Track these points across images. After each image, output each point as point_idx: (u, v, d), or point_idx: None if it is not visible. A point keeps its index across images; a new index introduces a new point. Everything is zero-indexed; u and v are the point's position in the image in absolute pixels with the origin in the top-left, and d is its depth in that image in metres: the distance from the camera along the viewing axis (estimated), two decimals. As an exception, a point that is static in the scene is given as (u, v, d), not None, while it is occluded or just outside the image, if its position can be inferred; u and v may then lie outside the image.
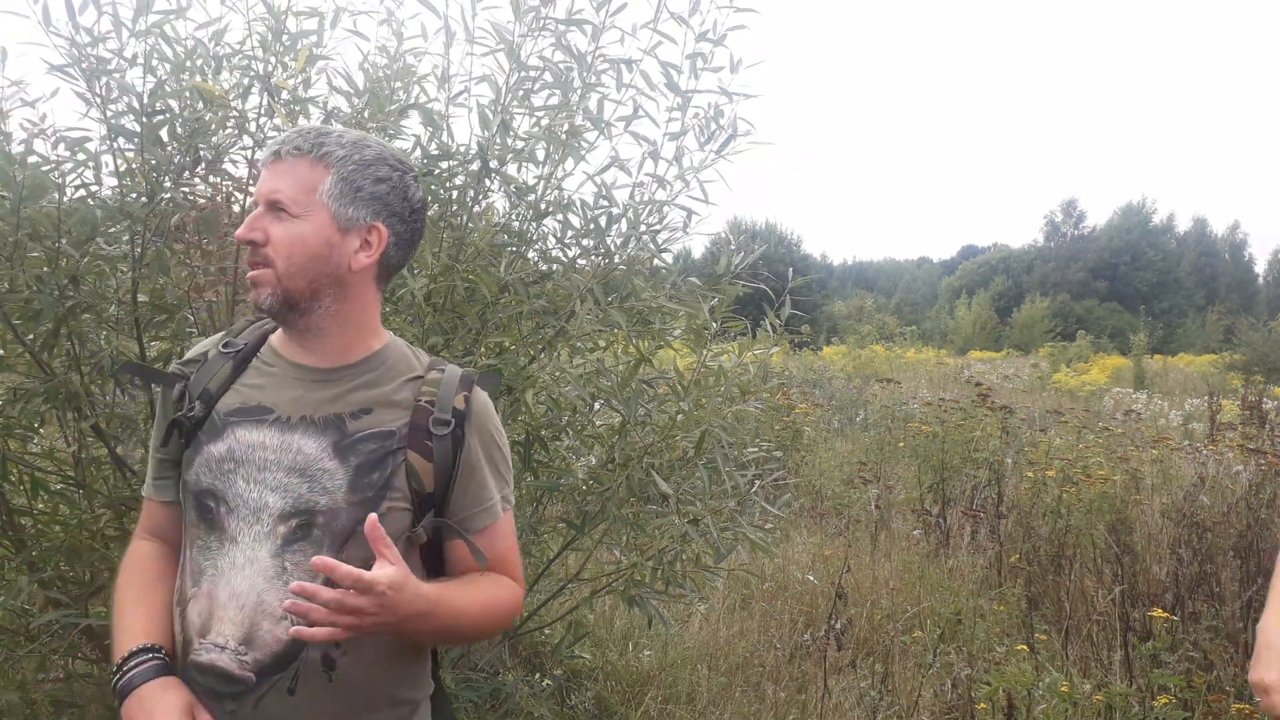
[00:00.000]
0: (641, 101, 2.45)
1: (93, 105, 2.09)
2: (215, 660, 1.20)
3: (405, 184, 1.30)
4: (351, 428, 1.25)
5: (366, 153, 1.27)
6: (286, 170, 1.24)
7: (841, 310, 45.95)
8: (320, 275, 1.25)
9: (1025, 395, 14.29)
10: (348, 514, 1.22)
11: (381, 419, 1.27)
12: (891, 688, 3.66)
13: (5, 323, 2.09)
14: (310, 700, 1.22)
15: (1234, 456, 6.05)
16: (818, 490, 6.97)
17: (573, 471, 2.70)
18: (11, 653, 2.26)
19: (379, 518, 1.16)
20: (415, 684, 1.34)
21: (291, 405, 1.27)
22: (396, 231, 1.30)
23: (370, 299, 1.32)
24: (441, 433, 1.26)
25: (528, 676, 3.29)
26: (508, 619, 1.35)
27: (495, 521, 1.33)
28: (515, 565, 1.37)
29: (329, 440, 1.24)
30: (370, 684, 1.26)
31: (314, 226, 1.24)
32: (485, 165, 2.34)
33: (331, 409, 1.27)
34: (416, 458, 1.25)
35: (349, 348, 1.30)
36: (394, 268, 1.34)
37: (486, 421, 1.33)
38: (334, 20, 2.35)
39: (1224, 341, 31.10)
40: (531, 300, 2.39)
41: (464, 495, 1.29)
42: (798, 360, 17.11)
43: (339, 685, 1.23)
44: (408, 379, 1.31)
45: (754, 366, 2.57)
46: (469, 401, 1.30)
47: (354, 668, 1.24)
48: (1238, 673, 3.53)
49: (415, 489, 1.25)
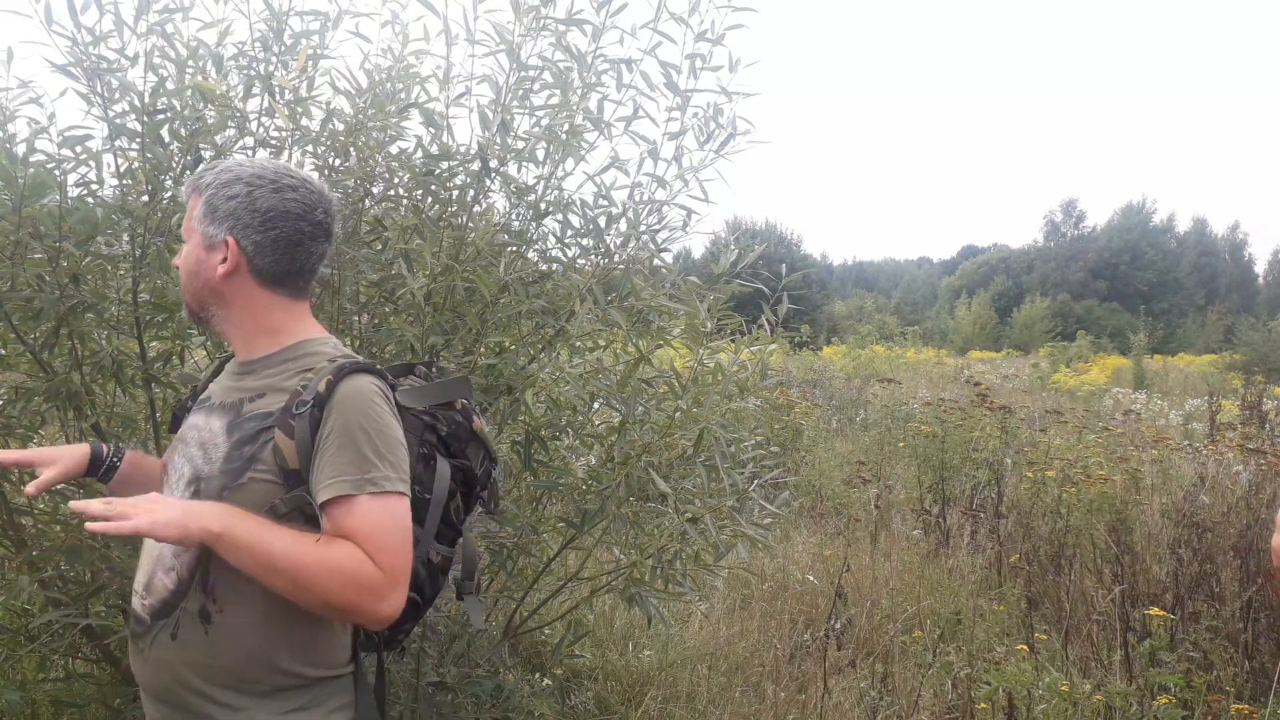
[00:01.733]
0: (641, 101, 2.45)
1: (94, 104, 2.10)
2: (132, 603, 1.44)
3: (254, 197, 1.43)
4: (245, 410, 1.42)
5: (226, 175, 1.44)
6: (189, 203, 1.47)
7: (841, 310, 45.97)
8: (198, 289, 1.46)
9: (1025, 395, 14.30)
10: (217, 480, 1.38)
11: (269, 402, 1.41)
12: (891, 688, 3.67)
13: (6, 322, 2.09)
14: (188, 649, 1.37)
15: (1234, 456, 6.05)
16: (817, 490, 6.98)
17: (572, 471, 2.70)
18: (11, 652, 2.26)
19: (240, 486, 1.36)
20: (306, 658, 1.40)
21: (220, 392, 1.49)
22: (252, 240, 1.43)
23: (260, 302, 1.46)
24: (301, 411, 1.36)
25: (528, 676, 3.29)
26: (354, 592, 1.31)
27: (349, 498, 1.33)
28: (375, 546, 1.33)
29: (227, 420, 1.43)
30: (245, 645, 1.36)
31: (190, 248, 1.46)
32: (485, 165, 2.34)
33: (237, 394, 1.45)
34: (281, 436, 1.36)
35: (252, 344, 1.47)
36: (277, 272, 1.45)
37: (351, 404, 1.38)
38: (336, 21, 2.36)
39: (1224, 341, 31.10)
40: (531, 300, 2.39)
41: (317, 470, 1.36)
42: (798, 360, 17.12)
43: (214, 640, 1.36)
44: (302, 369, 1.43)
45: (752, 365, 2.57)
46: (333, 386, 1.38)
47: (229, 626, 1.36)
48: (1237, 673, 3.54)
49: (280, 465, 1.36)
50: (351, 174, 2.36)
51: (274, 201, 1.43)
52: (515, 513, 2.64)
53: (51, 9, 1.97)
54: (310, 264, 1.49)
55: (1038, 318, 42.17)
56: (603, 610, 4.14)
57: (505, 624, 3.01)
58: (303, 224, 1.45)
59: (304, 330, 1.49)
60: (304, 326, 1.50)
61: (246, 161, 1.47)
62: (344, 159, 2.39)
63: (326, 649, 1.43)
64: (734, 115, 2.45)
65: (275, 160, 1.50)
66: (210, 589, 1.36)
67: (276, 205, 1.43)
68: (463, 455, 1.57)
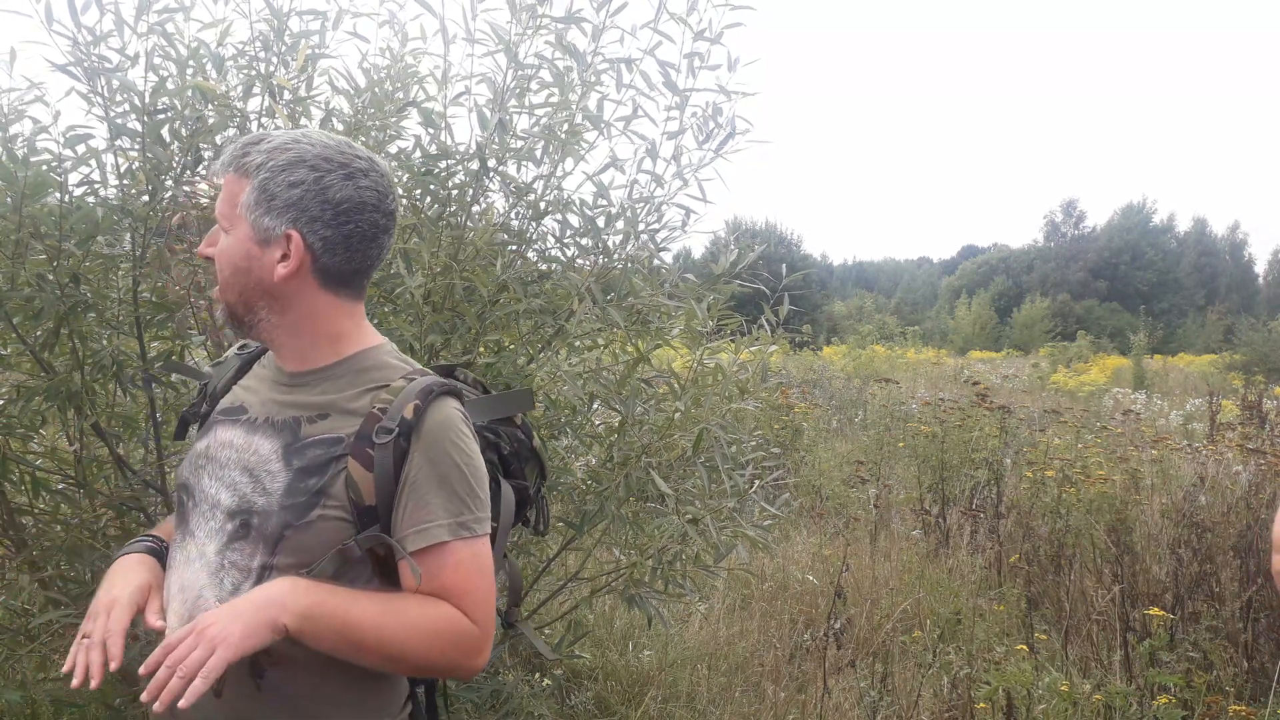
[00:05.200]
0: (640, 101, 2.45)
1: (95, 104, 2.10)
2: None
3: (324, 184, 1.21)
4: (305, 432, 1.23)
5: (283, 157, 1.21)
6: (226, 184, 1.24)
7: (841, 310, 45.96)
8: (247, 289, 1.24)
9: (1025, 395, 14.29)
10: (277, 517, 1.19)
11: (335, 425, 1.23)
12: (891, 688, 3.67)
13: (7, 321, 2.10)
14: (236, 706, 1.19)
15: (1234, 456, 6.05)
16: (817, 490, 6.98)
17: (571, 471, 2.70)
18: (12, 652, 2.26)
19: (307, 525, 1.17)
20: (363, 710, 1.26)
21: (262, 406, 1.28)
22: (321, 236, 1.22)
23: (320, 307, 1.26)
24: (383, 440, 1.19)
25: (528, 676, 3.29)
26: (452, 652, 1.21)
27: (438, 546, 1.20)
28: (471, 601, 1.21)
29: (282, 442, 1.23)
30: (301, 699, 1.21)
31: (236, 240, 1.23)
32: (484, 164, 2.34)
33: (292, 412, 1.25)
34: (356, 467, 1.19)
35: (307, 355, 1.28)
36: (344, 272, 1.26)
37: (442, 436, 1.22)
38: (336, 21, 2.36)
39: (1224, 341, 31.08)
40: (530, 299, 2.39)
41: (403, 512, 1.20)
42: (798, 360, 17.12)
43: (267, 695, 1.20)
44: (372, 387, 1.25)
45: (752, 366, 2.57)
46: (420, 413, 1.21)
47: (284, 679, 1.20)
48: (1237, 673, 3.54)
49: (354, 499, 1.19)
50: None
51: (348, 191, 1.22)
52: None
53: (51, 9, 1.96)
54: (377, 260, 1.29)
55: (1038, 318, 42.17)
56: (603, 610, 4.14)
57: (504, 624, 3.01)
58: (377, 215, 1.26)
59: (364, 337, 1.30)
60: (364, 332, 1.31)
61: (303, 137, 1.23)
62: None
63: (387, 697, 1.29)
64: (733, 115, 2.46)
65: (333, 134, 1.27)
66: None
67: (351, 196, 1.22)
68: (520, 475, 1.45)
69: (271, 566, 1.19)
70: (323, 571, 1.19)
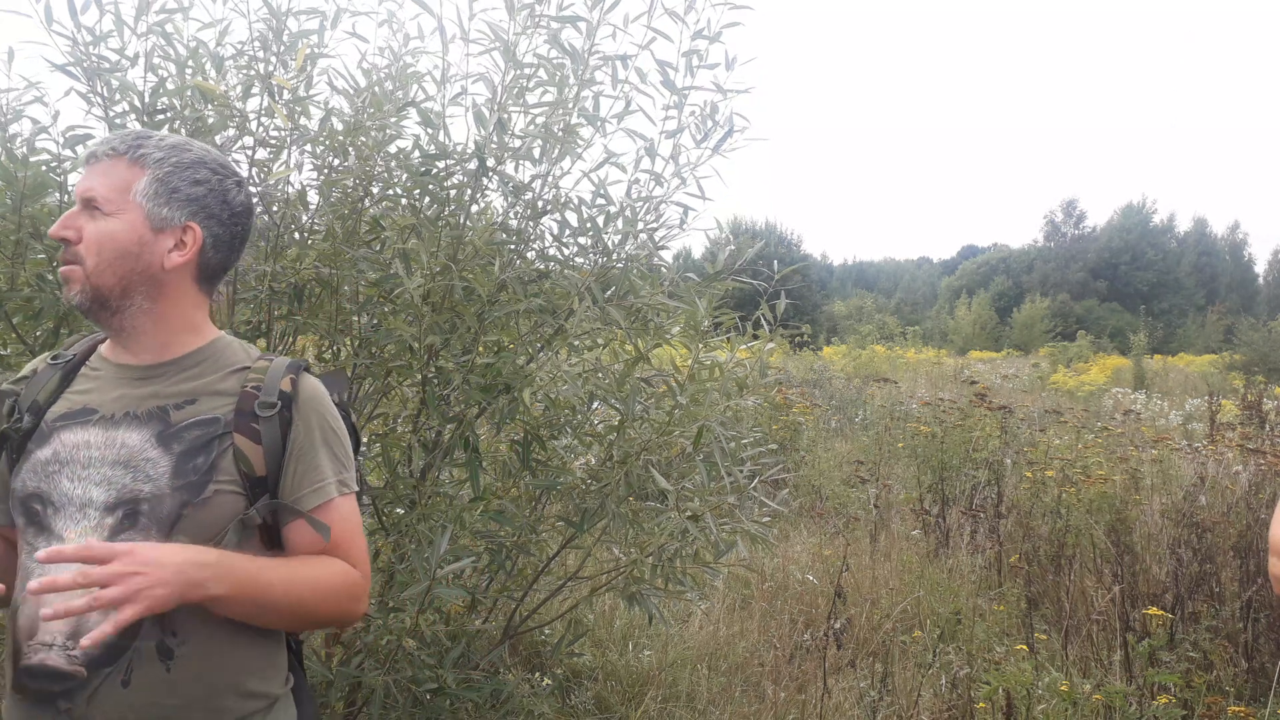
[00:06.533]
0: (637, 97, 2.45)
1: (94, 104, 2.10)
2: (45, 659, 1.18)
3: (225, 188, 1.33)
4: (175, 417, 1.28)
5: (186, 156, 1.30)
6: (103, 171, 1.27)
7: (841, 310, 46.02)
8: (130, 273, 1.27)
9: (1025, 395, 14.29)
10: (171, 499, 1.23)
11: (206, 407, 1.29)
12: (891, 687, 3.67)
13: (7, 321, 2.10)
14: (147, 692, 1.20)
15: (1234, 456, 6.05)
16: (817, 490, 6.98)
17: (571, 470, 2.70)
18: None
19: (204, 502, 1.23)
20: (268, 676, 1.31)
21: (115, 403, 1.30)
22: (214, 233, 1.33)
23: (189, 298, 1.34)
24: (268, 414, 1.28)
25: (528, 676, 3.29)
26: (346, 603, 1.32)
27: (329, 501, 1.32)
28: (354, 550, 1.34)
29: (152, 431, 1.27)
30: (213, 673, 1.24)
31: (125, 224, 1.26)
32: (482, 164, 2.34)
33: (155, 402, 1.29)
34: (244, 441, 1.27)
35: (168, 345, 1.33)
36: (215, 269, 1.36)
37: (317, 405, 1.35)
38: (334, 20, 2.36)
39: (1224, 341, 31.09)
40: (529, 299, 2.39)
41: (294, 475, 1.30)
42: (798, 360, 17.12)
43: (177, 676, 1.21)
44: (234, 370, 1.34)
45: (750, 363, 2.57)
46: (296, 385, 1.33)
47: (193, 656, 1.22)
48: (1237, 673, 3.54)
49: (245, 472, 1.26)
50: (350, 174, 2.36)
51: (241, 198, 1.36)
52: (514, 512, 2.64)
53: (51, 9, 1.97)
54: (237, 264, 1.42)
55: (1038, 318, 42.19)
56: (602, 610, 4.14)
57: (505, 624, 3.01)
58: (250, 224, 1.40)
59: (212, 328, 1.39)
60: (210, 324, 1.40)
61: (193, 142, 1.34)
62: (343, 159, 2.39)
63: (281, 659, 1.36)
64: (731, 113, 2.46)
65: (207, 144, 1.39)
66: (168, 620, 1.20)
67: (244, 202, 1.36)
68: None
69: None
70: (228, 543, 1.24)
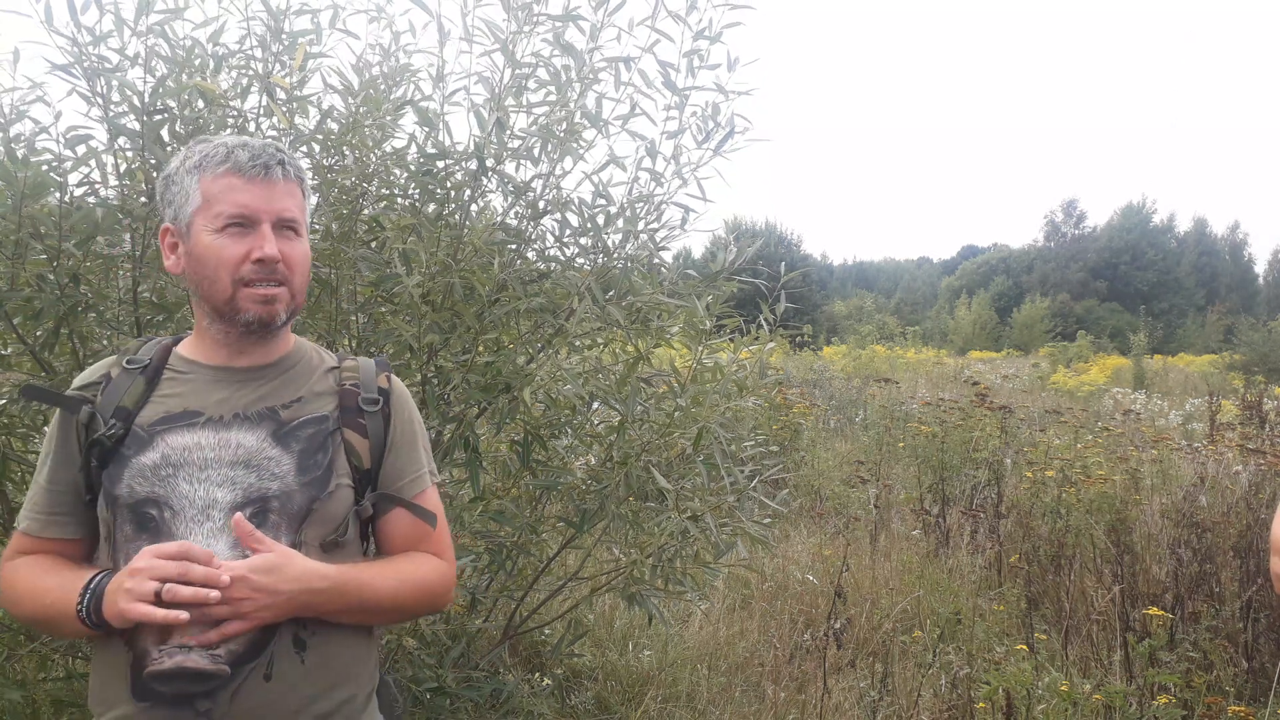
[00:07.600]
0: (639, 100, 2.45)
1: (94, 104, 2.10)
2: (184, 662, 1.17)
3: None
4: (286, 416, 1.32)
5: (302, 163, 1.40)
6: (285, 191, 1.30)
7: (841, 310, 46.01)
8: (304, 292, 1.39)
9: (1025, 395, 14.29)
10: (300, 495, 1.28)
11: (312, 406, 1.35)
12: (891, 687, 3.66)
13: (7, 321, 2.10)
14: (286, 683, 1.24)
15: (1234, 457, 6.05)
16: (817, 490, 6.98)
17: (571, 470, 2.70)
18: (12, 652, 2.26)
19: (330, 495, 1.29)
20: (371, 659, 1.39)
21: (220, 405, 1.31)
22: None
23: None
24: (373, 410, 1.36)
25: (528, 676, 3.29)
26: (437, 595, 1.39)
27: (425, 490, 1.41)
28: (444, 537, 1.42)
29: (266, 430, 1.30)
30: (338, 660, 1.30)
31: (307, 245, 1.36)
32: (482, 164, 2.34)
33: (263, 403, 1.33)
34: (354, 435, 1.34)
35: (272, 349, 1.38)
36: None
37: (408, 401, 1.44)
38: (332, 19, 2.36)
39: (1224, 341, 31.09)
40: (529, 298, 2.39)
41: (396, 466, 1.38)
42: (798, 360, 17.12)
43: (311, 665, 1.27)
44: (326, 369, 1.41)
45: (751, 363, 2.57)
46: (390, 382, 1.42)
47: (323, 646, 1.28)
48: (1237, 673, 3.53)
49: (355, 466, 1.34)
50: (349, 173, 2.36)
51: None
52: (514, 512, 2.64)
53: (51, 9, 1.97)
54: None
55: (1038, 318, 42.19)
56: (602, 610, 4.14)
57: (505, 624, 3.01)
58: None
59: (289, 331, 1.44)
60: None
61: None
62: (340, 158, 2.39)
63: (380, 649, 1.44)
64: (732, 114, 2.46)
65: None
66: None
67: None
68: None
69: (300, 543, 1.27)
70: (350, 536, 1.32)
